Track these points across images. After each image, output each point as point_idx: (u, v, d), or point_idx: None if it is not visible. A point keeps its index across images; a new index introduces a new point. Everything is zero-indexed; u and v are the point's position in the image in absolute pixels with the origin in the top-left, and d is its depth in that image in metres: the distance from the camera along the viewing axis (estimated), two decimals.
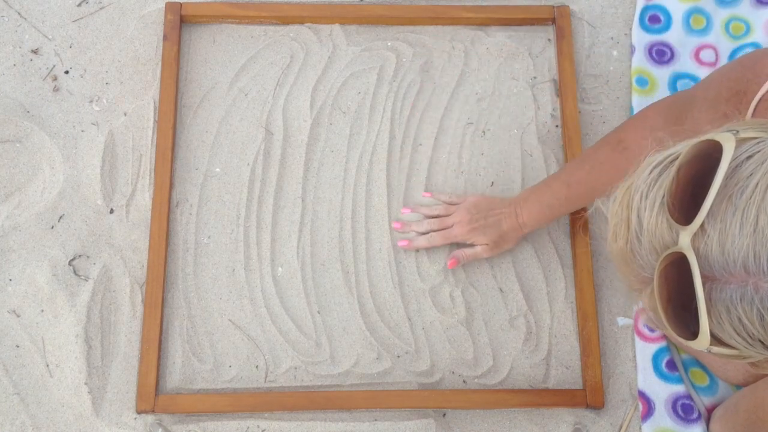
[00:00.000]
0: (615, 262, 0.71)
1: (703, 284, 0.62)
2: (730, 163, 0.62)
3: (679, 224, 0.63)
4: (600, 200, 0.73)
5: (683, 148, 0.66)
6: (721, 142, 0.63)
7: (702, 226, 0.62)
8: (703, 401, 1.25)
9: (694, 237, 0.62)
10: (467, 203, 1.28)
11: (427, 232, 1.29)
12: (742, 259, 0.60)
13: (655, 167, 0.67)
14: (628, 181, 0.69)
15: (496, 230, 1.26)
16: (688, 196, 0.64)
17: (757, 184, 0.61)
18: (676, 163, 0.65)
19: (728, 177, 0.62)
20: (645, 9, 1.47)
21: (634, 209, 0.67)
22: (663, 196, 0.65)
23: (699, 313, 0.62)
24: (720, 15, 1.46)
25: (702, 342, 0.64)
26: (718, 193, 0.62)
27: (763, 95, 0.84)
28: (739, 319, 0.62)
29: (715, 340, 0.64)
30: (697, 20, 1.46)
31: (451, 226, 1.28)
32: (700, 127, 0.92)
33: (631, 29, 1.47)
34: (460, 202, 1.30)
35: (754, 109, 0.85)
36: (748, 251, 0.60)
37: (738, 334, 0.62)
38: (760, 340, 0.62)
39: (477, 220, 1.26)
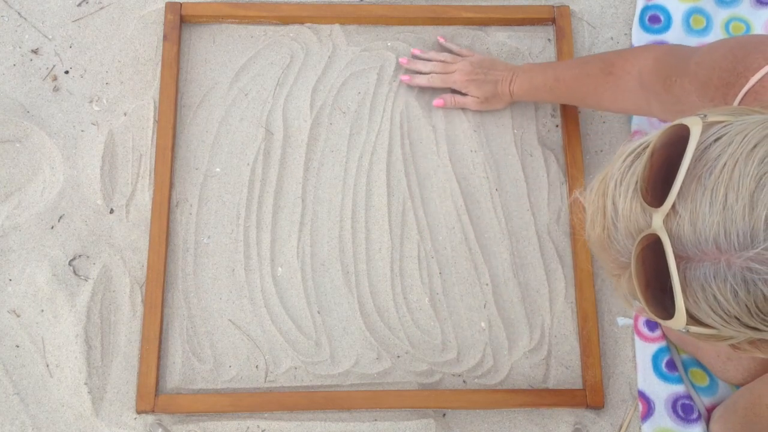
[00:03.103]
0: (594, 249, 0.73)
1: (678, 264, 0.63)
2: (698, 146, 0.64)
3: (651, 207, 0.65)
4: (578, 191, 0.76)
5: (654, 136, 0.68)
6: (689, 125, 0.65)
7: (673, 207, 0.64)
8: (703, 401, 1.25)
9: (667, 218, 0.64)
10: (473, 58, 1.36)
11: (430, 74, 1.37)
12: (713, 236, 0.62)
13: (628, 155, 0.69)
14: (603, 171, 0.71)
15: (490, 88, 1.34)
16: (660, 180, 0.66)
17: (725, 164, 0.62)
18: (648, 149, 0.67)
19: (697, 159, 0.64)
20: (645, 9, 1.47)
21: (609, 196, 0.69)
22: (636, 182, 0.67)
23: (674, 293, 0.64)
24: (720, 15, 1.46)
25: (679, 321, 0.65)
26: (687, 175, 0.63)
27: (750, 89, 0.86)
28: (714, 297, 0.63)
29: (693, 319, 0.65)
30: (697, 20, 1.46)
31: (453, 73, 1.35)
32: (689, 95, 0.95)
33: (631, 29, 1.46)
34: (468, 55, 1.38)
35: (740, 102, 0.86)
36: (719, 228, 0.62)
37: (714, 312, 0.64)
38: (735, 317, 0.63)
39: (477, 73, 1.34)
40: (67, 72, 1.39)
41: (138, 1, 1.44)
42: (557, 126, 1.40)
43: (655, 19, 1.46)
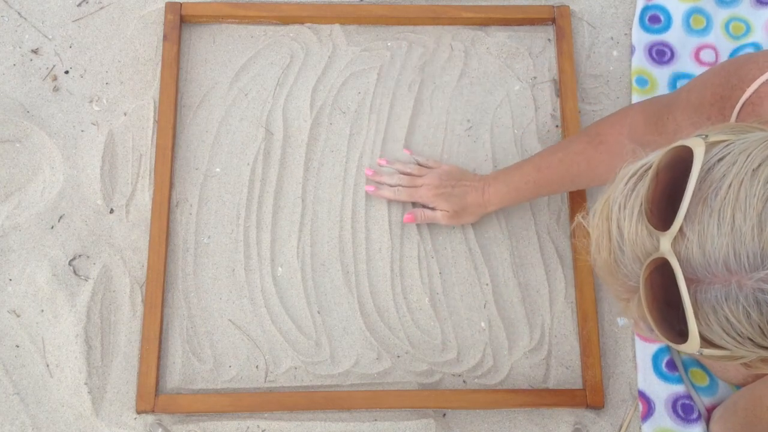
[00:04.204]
0: (600, 274, 0.72)
1: (688, 287, 0.63)
2: (702, 167, 0.63)
3: (658, 230, 0.64)
4: (581, 215, 0.74)
5: (656, 157, 0.67)
6: (692, 147, 0.65)
7: (681, 230, 0.63)
8: (703, 401, 1.25)
9: (674, 241, 0.63)
10: (441, 170, 1.30)
11: (396, 187, 1.31)
12: (723, 258, 0.61)
13: (630, 177, 0.68)
14: (606, 194, 0.70)
15: (459, 201, 1.27)
16: (665, 203, 0.65)
17: (730, 184, 0.62)
18: (651, 171, 0.66)
19: (701, 180, 0.63)
20: (645, 9, 1.47)
21: (614, 220, 0.68)
22: (641, 205, 0.66)
23: (686, 316, 0.63)
24: (720, 15, 1.46)
25: (692, 345, 0.64)
26: (693, 197, 0.63)
27: (747, 99, 0.85)
28: (727, 319, 0.62)
29: (706, 342, 0.65)
30: (697, 20, 1.46)
31: (420, 187, 1.30)
32: (683, 129, 0.94)
33: (631, 29, 1.47)
34: (435, 167, 1.32)
35: (738, 114, 0.86)
36: (728, 250, 0.61)
37: (727, 334, 0.63)
38: (749, 338, 0.63)
39: (445, 186, 1.28)
40: (67, 72, 1.39)
41: (138, 1, 1.44)
42: (557, 126, 1.40)
43: (655, 19, 1.46)
